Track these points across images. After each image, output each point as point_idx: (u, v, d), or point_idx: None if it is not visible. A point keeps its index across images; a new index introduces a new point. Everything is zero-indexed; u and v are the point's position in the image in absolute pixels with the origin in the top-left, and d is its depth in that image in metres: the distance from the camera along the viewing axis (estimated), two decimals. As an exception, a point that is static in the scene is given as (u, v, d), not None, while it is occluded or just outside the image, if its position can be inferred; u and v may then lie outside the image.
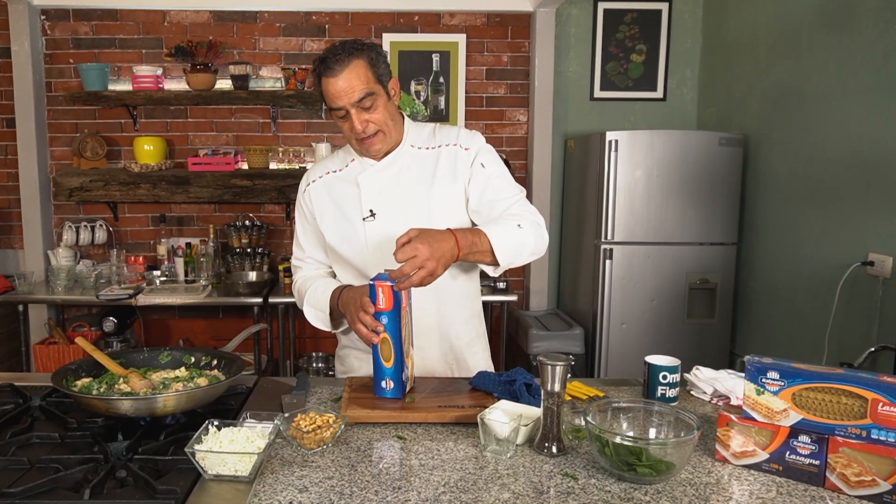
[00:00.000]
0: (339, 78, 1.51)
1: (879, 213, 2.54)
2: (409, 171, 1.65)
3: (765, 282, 3.30)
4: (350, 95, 1.51)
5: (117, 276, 3.58)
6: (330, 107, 1.56)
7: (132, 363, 1.54)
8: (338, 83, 1.51)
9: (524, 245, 1.56)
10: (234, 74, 3.70)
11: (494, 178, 1.65)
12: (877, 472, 1.09)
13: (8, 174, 3.89)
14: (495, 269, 1.58)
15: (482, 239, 1.50)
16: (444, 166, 1.65)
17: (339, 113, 1.55)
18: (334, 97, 1.53)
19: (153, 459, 1.19)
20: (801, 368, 1.18)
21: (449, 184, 1.64)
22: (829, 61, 2.82)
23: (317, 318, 1.72)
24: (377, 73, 1.54)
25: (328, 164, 1.75)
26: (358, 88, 1.51)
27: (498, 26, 3.94)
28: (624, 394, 1.60)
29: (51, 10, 3.77)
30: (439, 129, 1.71)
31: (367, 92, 1.52)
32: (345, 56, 1.51)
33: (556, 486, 1.14)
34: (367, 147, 1.60)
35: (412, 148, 1.67)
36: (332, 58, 1.51)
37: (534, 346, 3.52)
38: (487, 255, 1.52)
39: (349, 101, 1.52)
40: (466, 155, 1.65)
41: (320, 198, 1.72)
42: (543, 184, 3.96)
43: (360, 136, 1.57)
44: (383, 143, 1.61)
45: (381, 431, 1.35)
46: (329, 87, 1.53)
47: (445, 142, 1.67)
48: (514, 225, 1.55)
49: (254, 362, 3.54)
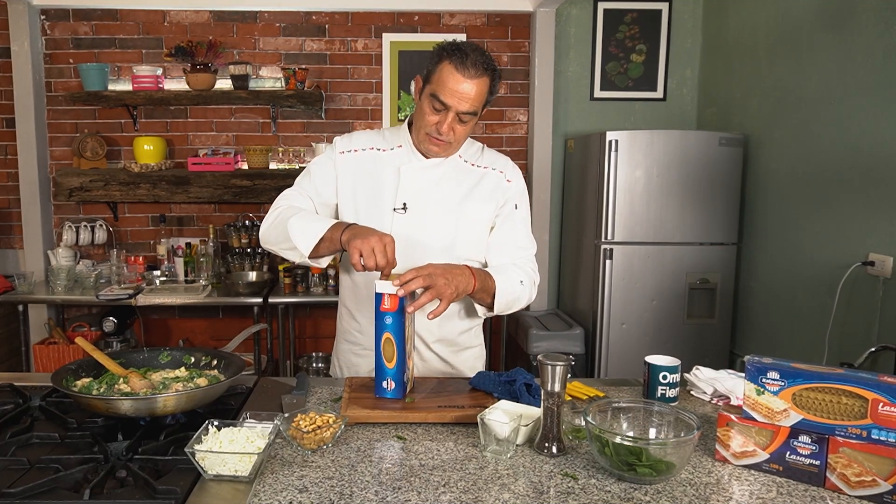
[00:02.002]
0: (468, 81, 1.51)
1: (879, 213, 2.54)
2: (451, 178, 1.69)
3: (765, 282, 3.30)
4: (464, 103, 1.52)
5: (117, 276, 3.58)
6: (437, 95, 1.52)
7: (132, 363, 1.54)
8: (463, 84, 1.51)
9: (518, 301, 1.66)
10: (234, 74, 3.70)
11: (519, 222, 1.73)
12: (877, 472, 1.09)
13: (8, 174, 3.89)
14: (485, 312, 1.67)
15: (491, 283, 1.58)
16: (484, 187, 1.70)
17: (438, 105, 1.53)
18: (451, 93, 1.51)
19: (153, 459, 1.19)
20: (802, 368, 1.18)
21: (483, 203, 1.69)
22: (829, 61, 2.82)
23: (303, 234, 1.52)
24: (488, 98, 1.58)
25: (374, 139, 1.72)
26: (473, 101, 1.53)
27: (498, 26, 3.93)
28: (624, 394, 1.60)
29: (51, 10, 3.77)
30: (487, 151, 1.77)
31: (475, 110, 1.55)
32: (482, 66, 1.51)
33: (556, 486, 1.14)
34: (433, 147, 1.61)
35: (459, 159, 1.71)
36: (472, 57, 1.50)
37: (534, 346, 3.52)
38: (489, 299, 1.60)
39: (458, 108, 1.53)
40: (507, 186, 1.72)
41: (361, 169, 1.68)
42: (543, 184, 3.96)
43: (436, 136, 1.58)
44: (445, 151, 1.64)
45: (381, 431, 1.35)
46: (452, 81, 1.50)
47: (493, 165, 1.74)
48: (518, 281, 1.64)
49: (254, 362, 3.54)
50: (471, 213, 1.68)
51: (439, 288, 1.43)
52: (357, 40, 3.89)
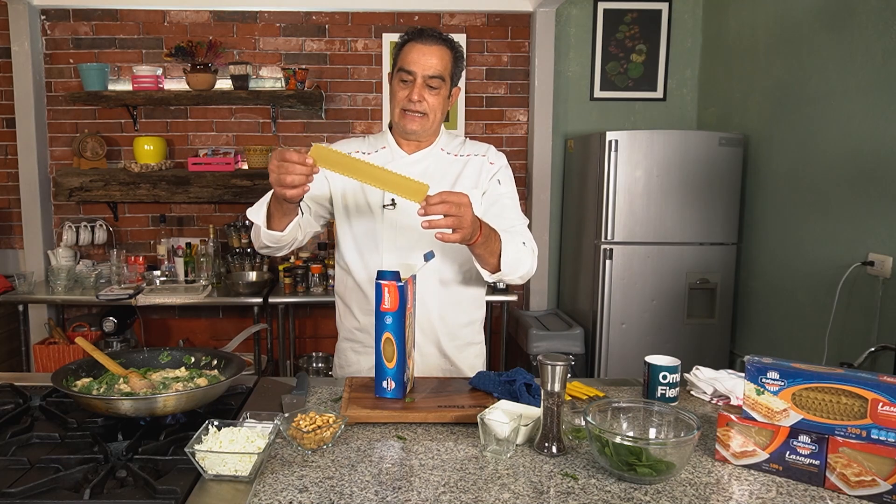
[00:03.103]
0: (429, 48, 1.61)
1: (879, 213, 2.54)
2: (435, 170, 1.72)
3: (765, 282, 3.30)
4: (428, 69, 1.61)
5: (117, 276, 3.58)
6: (402, 68, 1.62)
7: (132, 363, 1.54)
8: (424, 51, 1.61)
9: (523, 263, 1.61)
10: (234, 74, 3.70)
11: (505, 197, 1.73)
12: (877, 472, 1.09)
13: (8, 174, 3.89)
14: (491, 274, 1.61)
15: (496, 238, 1.53)
16: (468, 173, 1.73)
17: (407, 77, 1.62)
18: (414, 61, 1.61)
19: (153, 459, 1.19)
20: (801, 368, 1.18)
21: (469, 189, 1.69)
22: (829, 61, 2.82)
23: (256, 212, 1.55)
24: (453, 69, 1.67)
25: (359, 144, 1.79)
26: (437, 66, 1.62)
27: (498, 26, 3.94)
28: (624, 394, 1.60)
29: (51, 10, 3.77)
30: (470, 142, 1.81)
31: (440, 74, 1.62)
32: (442, 39, 1.64)
33: (556, 486, 1.14)
34: (407, 122, 1.65)
35: (442, 151, 1.76)
36: (430, 32, 1.63)
37: (534, 346, 3.52)
38: (493, 257, 1.54)
39: (424, 72, 1.61)
40: (490, 168, 1.75)
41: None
42: (543, 184, 3.96)
43: (408, 108, 1.63)
44: (422, 127, 1.67)
45: (381, 431, 1.35)
46: (414, 51, 1.62)
47: (474, 153, 1.77)
48: (520, 242, 1.62)
49: (254, 362, 3.54)
50: None
51: (462, 219, 1.38)
52: (357, 40, 3.89)
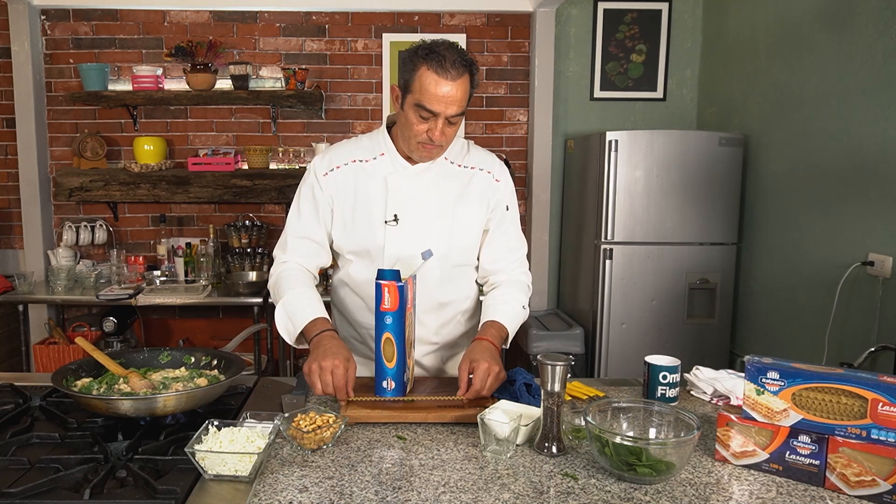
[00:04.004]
0: (450, 84, 1.44)
1: (879, 213, 2.54)
2: (439, 183, 1.64)
3: (765, 282, 3.30)
4: (451, 106, 1.46)
5: (117, 276, 3.58)
6: (422, 104, 1.46)
7: (132, 363, 1.54)
8: (446, 88, 1.44)
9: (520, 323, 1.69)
10: (234, 74, 3.70)
11: (510, 224, 1.73)
12: (877, 472, 1.09)
13: (8, 174, 3.89)
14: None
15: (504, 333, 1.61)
16: (474, 189, 1.67)
17: (425, 114, 1.47)
18: (436, 100, 1.45)
19: (153, 459, 1.19)
20: (801, 368, 1.18)
21: (475, 206, 1.66)
22: (829, 61, 2.82)
23: (285, 328, 1.61)
24: (470, 93, 1.52)
25: (354, 151, 1.65)
26: (460, 102, 1.47)
27: (498, 26, 3.93)
28: (624, 394, 1.60)
29: (51, 10, 3.77)
30: (473, 149, 1.72)
31: (462, 110, 1.49)
32: (461, 65, 1.45)
33: (556, 486, 1.14)
34: (426, 153, 1.56)
35: (445, 161, 1.65)
36: (449, 59, 1.44)
37: (534, 346, 3.51)
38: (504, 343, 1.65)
39: (446, 112, 1.47)
40: (497, 187, 1.69)
41: (346, 185, 1.62)
42: (543, 184, 3.96)
43: (427, 143, 1.52)
44: (439, 155, 1.60)
45: (381, 431, 1.35)
46: (435, 86, 1.44)
47: (479, 166, 1.69)
48: (521, 307, 1.68)
49: (254, 362, 3.54)
50: (464, 218, 1.65)
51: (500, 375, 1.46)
52: (357, 40, 3.89)
